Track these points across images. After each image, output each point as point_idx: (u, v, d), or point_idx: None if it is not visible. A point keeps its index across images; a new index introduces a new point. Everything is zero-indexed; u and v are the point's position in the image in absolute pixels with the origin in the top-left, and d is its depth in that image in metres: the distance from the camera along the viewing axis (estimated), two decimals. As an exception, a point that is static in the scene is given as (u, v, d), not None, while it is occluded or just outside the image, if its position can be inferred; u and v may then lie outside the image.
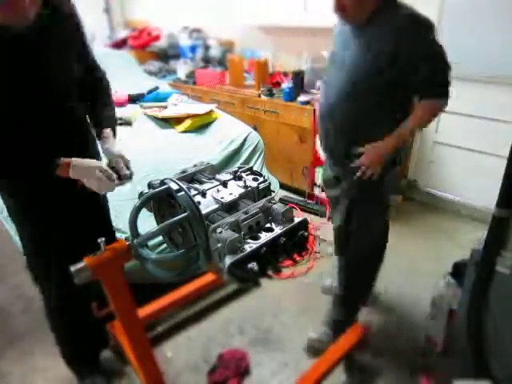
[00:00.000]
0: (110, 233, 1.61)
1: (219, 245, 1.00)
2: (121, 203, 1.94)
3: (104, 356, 1.77)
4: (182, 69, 4.10)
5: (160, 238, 1.65)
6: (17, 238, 1.64)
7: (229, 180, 1.25)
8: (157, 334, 1.96)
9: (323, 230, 2.85)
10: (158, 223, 1.30)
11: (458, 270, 1.76)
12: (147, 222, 1.32)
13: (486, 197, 2.78)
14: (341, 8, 1.43)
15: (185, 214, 1.07)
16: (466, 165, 2.97)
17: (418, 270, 2.42)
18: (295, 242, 1.09)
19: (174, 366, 1.80)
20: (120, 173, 1.27)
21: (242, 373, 1.74)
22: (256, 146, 2.70)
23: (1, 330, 2.02)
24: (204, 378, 1.74)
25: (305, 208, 3.13)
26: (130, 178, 1.30)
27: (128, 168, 1.32)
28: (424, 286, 2.22)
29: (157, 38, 4.61)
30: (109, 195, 1.99)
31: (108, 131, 1.38)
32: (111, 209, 1.95)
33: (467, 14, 2.67)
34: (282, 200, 3.17)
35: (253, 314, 2.10)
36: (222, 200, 1.15)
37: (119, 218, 1.92)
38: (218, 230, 1.02)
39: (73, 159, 1.19)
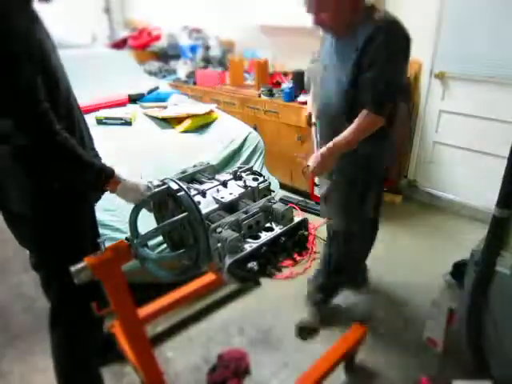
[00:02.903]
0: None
1: (219, 244, 1.00)
2: (121, 203, 1.93)
3: None
4: (182, 69, 4.10)
5: (160, 238, 1.65)
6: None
7: (229, 180, 1.26)
8: (157, 334, 1.96)
9: (323, 229, 2.85)
10: (158, 223, 1.30)
11: (458, 270, 1.76)
12: (147, 222, 1.31)
13: (486, 197, 2.79)
14: (319, 22, 1.51)
15: (185, 213, 1.07)
16: (466, 165, 2.97)
17: (417, 269, 2.42)
18: (295, 242, 1.09)
19: (173, 366, 1.80)
20: None
21: (242, 373, 1.74)
22: (256, 146, 2.70)
23: (1, 329, 2.01)
24: (204, 377, 1.74)
25: (305, 208, 3.13)
26: None
27: None
28: (424, 286, 2.22)
29: (157, 38, 4.61)
30: (109, 194, 2.00)
31: None
32: (111, 209, 1.97)
33: (467, 14, 2.67)
34: (282, 200, 3.17)
35: (253, 314, 2.10)
36: (221, 200, 1.16)
37: (119, 218, 1.92)
38: (218, 230, 1.02)
39: (123, 179, 1.20)
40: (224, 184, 1.23)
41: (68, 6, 4.27)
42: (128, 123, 2.64)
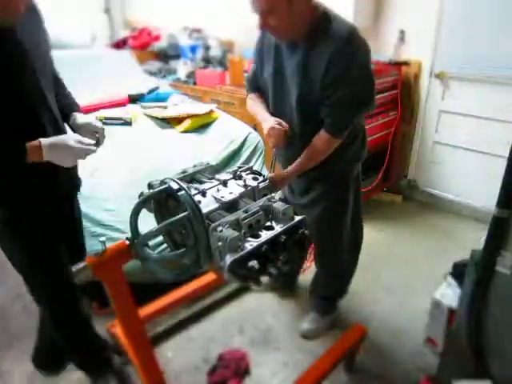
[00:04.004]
0: (81, 248, 1.61)
1: (220, 243, 1.00)
2: (122, 203, 1.94)
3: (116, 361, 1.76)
4: (182, 69, 4.10)
5: (160, 238, 1.65)
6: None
7: (229, 179, 1.25)
8: (157, 334, 1.96)
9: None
10: (158, 223, 1.29)
11: (458, 270, 1.76)
12: (148, 222, 1.31)
13: (486, 197, 2.79)
14: (266, 27, 1.35)
15: (185, 213, 1.07)
16: (465, 165, 2.97)
17: (417, 269, 2.42)
18: (295, 240, 1.09)
19: (174, 366, 1.80)
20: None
21: (242, 373, 1.74)
22: (256, 146, 2.70)
23: (1, 329, 2.01)
24: (204, 377, 1.74)
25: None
26: (96, 145, 1.26)
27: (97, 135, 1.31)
28: (424, 286, 2.22)
29: (157, 38, 4.60)
30: (109, 194, 2.01)
31: (75, 113, 1.37)
32: (111, 209, 1.97)
33: (467, 14, 2.67)
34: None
35: (253, 314, 2.10)
36: (222, 199, 1.15)
37: (119, 218, 1.92)
38: (219, 229, 1.02)
39: (41, 139, 1.13)
40: (224, 183, 1.23)
41: (68, 6, 4.28)
42: (128, 123, 2.64)
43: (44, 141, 1.14)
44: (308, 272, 2.41)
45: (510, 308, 1.33)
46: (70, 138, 1.19)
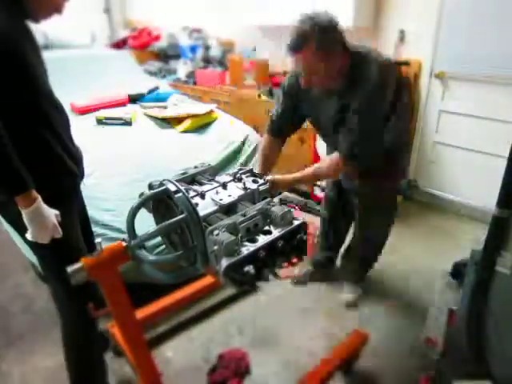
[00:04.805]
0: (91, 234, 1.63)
1: (216, 247, 0.99)
2: (121, 203, 1.94)
3: None
4: (182, 69, 4.11)
5: (160, 239, 1.65)
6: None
7: (228, 182, 1.25)
8: (157, 334, 1.96)
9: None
10: (156, 223, 1.29)
11: (457, 270, 1.76)
12: (148, 223, 1.31)
13: (486, 197, 2.78)
14: (310, 84, 1.52)
15: (182, 215, 1.07)
16: (466, 165, 2.96)
17: (417, 270, 2.42)
18: (293, 246, 1.08)
19: (174, 366, 1.80)
20: None
21: (242, 373, 1.74)
22: (256, 146, 2.69)
23: (1, 329, 2.01)
24: (204, 378, 1.74)
25: (305, 208, 3.12)
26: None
27: None
28: (424, 286, 2.22)
29: (157, 38, 4.61)
30: (109, 194, 2.01)
31: None
32: (111, 209, 1.97)
33: (466, 14, 2.66)
34: (281, 200, 3.16)
35: (253, 314, 2.10)
36: (220, 202, 1.15)
37: (119, 218, 1.92)
38: (215, 232, 1.01)
39: (40, 200, 1.11)
40: (224, 186, 1.23)
41: (68, 6, 4.29)
42: (128, 123, 2.65)
43: (40, 203, 1.11)
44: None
45: (510, 308, 1.33)
46: (52, 219, 1.16)
